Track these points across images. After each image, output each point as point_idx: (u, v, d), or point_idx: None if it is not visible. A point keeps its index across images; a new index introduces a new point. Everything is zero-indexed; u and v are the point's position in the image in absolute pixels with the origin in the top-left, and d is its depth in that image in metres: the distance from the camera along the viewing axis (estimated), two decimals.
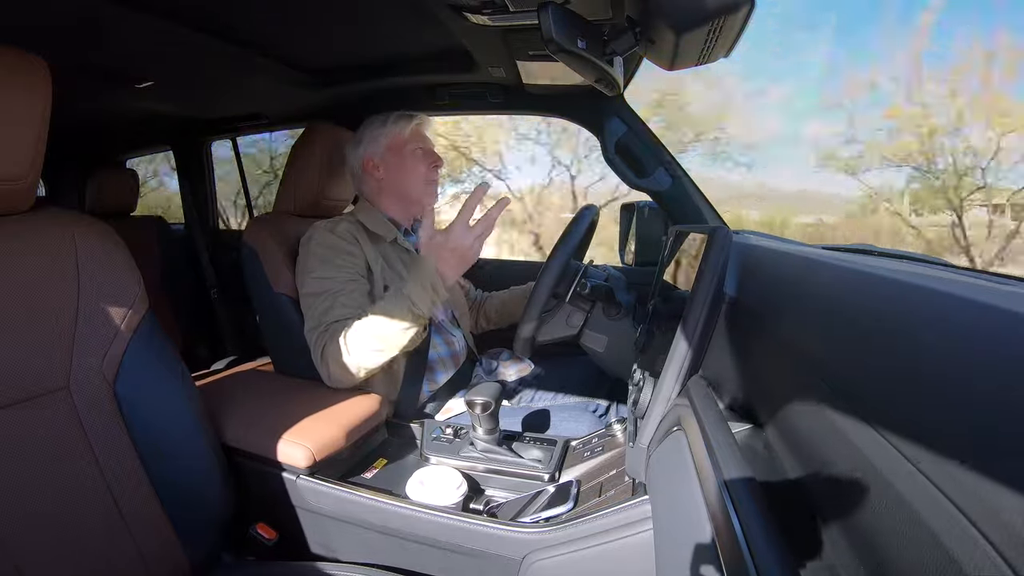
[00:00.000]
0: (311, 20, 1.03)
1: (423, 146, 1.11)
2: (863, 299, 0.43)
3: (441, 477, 0.79)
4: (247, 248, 1.11)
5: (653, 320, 0.89)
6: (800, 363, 0.42)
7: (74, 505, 0.65)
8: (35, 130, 0.62)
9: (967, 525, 0.22)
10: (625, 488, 0.74)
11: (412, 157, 1.09)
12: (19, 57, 0.60)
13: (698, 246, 0.72)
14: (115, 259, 0.72)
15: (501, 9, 0.80)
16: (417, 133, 1.11)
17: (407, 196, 1.11)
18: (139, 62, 1.20)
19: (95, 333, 0.69)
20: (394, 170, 1.10)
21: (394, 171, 1.10)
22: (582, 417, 1.03)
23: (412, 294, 0.86)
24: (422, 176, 1.10)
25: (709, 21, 0.51)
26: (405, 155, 1.09)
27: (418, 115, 1.12)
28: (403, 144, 1.09)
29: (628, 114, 1.18)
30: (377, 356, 0.90)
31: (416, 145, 1.10)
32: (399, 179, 1.10)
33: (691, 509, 0.41)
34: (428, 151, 1.11)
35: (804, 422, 0.40)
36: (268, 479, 0.84)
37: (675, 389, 0.62)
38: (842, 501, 0.33)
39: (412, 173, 1.09)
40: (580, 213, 0.94)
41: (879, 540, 0.29)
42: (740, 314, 0.60)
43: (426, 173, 1.10)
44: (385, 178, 1.10)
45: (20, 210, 0.67)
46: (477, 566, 0.75)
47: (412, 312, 0.86)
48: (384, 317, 0.87)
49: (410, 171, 1.09)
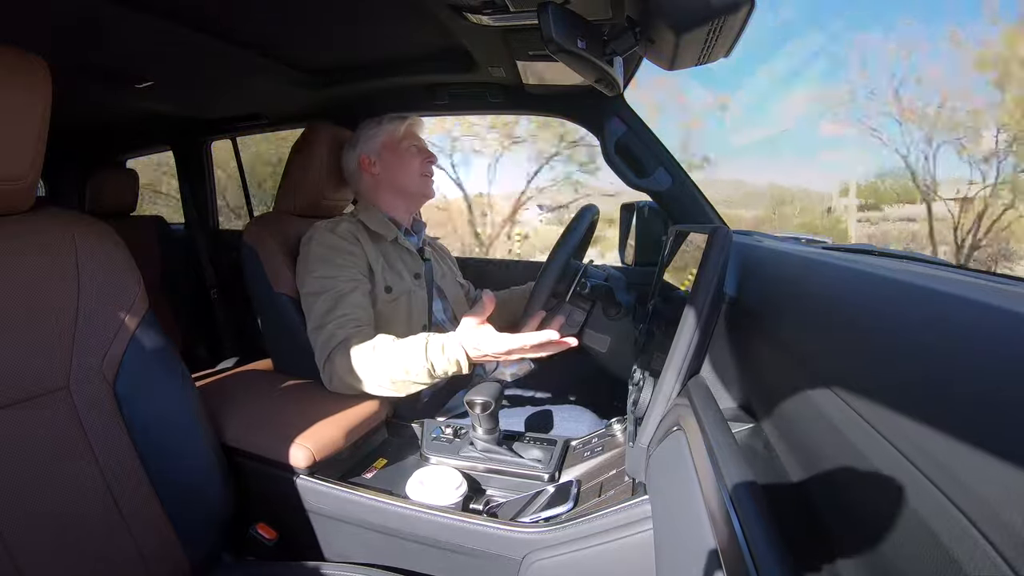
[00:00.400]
0: (311, 20, 1.03)
1: (417, 143, 1.15)
2: (863, 299, 0.43)
3: (441, 477, 0.79)
4: (247, 248, 1.11)
5: (653, 320, 0.89)
6: (800, 363, 0.42)
7: (74, 505, 0.65)
8: (35, 130, 0.62)
9: (967, 525, 0.22)
10: (625, 488, 0.74)
11: (407, 153, 1.12)
12: (19, 57, 0.60)
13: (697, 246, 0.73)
14: (115, 259, 0.72)
15: (501, 9, 0.80)
16: (410, 132, 1.15)
17: (404, 190, 1.13)
18: (139, 62, 1.20)
19: (95, 333, 0.69)
20: (390, 166, 1.12)
21: (390, 167, 1.12)
22: (582, 417, 1.03)
23: (435, 362, 0.85)
24: (417, 170, 1.13)
25: (709, 21, 0.51)
26: (400, 151, 1.12)
27: (410, 116, 1.16)
28: (398, 141, 1.13)
29: (628, 114, 1.18)
30: (382, 391, 0.91)
31: (410, 142, 1.13)
32: (395, 174, 1.12)
33: (691, 509, 0.41)
34: (422, 148, 1.15)
35: (804, 422, 0.40)
36: (268, 479, 0.84)
37: (675, 389, 0.62)
38: (842, 501, 0.33)
39: (407, 167, 1.12)
40: (580, 213, 0.94)
41: (879, 540, 0.29)
42: (740, 314, 0.60)
43: (421, 167, 1.13)
44: (381, 174, 1.13)
45: (20, 210, 0.66)
46: (477, 566, 0.75)
47: (429, 374, 0.86)
48: (401, 365, 0.86)
49: (406, 166, 1.12)
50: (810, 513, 0.37)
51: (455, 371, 0.85)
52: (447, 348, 0.84)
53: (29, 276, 0.64)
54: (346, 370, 0.90)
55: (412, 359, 0.85)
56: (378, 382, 0.89)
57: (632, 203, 1.22)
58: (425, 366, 0.85)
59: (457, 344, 0.84)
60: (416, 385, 0.88)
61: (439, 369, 0.85)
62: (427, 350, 0.85)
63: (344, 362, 0.90)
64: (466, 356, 0.84)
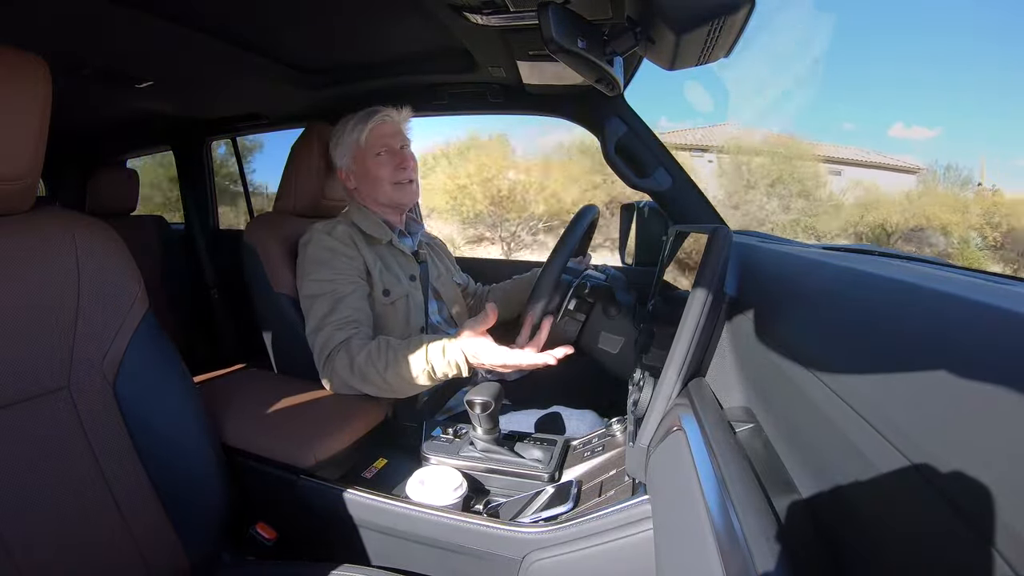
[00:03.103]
0: (311, 20, 1.03)
1: (385, 148, 1.09)
2: (863, 299, 0.43)
3: (441, 477, 0.80)
4: (247, 248, 1.11)
5: (653, 320, 0.89)
6: (800, 363, 0.42)
7: (74, 505, 0.65)
8: (35, 130, 0.62)
9: (968, 525, 0.22)
10: (625, 488, 0.74)
11: (375, 163, 1.08)
12: (19, 57, 0.60)
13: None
14: (115, 259, 0.72)
15: (501, 9, 0.80)
16: (377, 135, 1.08)
17: (380, 202, 1.11)
18: (139, 62, 1.20)
19: (95, 333, 0.69)
20: (361, 180, 1.10)
21: (362, 180, 1.10)
22: (582, 417, 1.03)
23: (435, 365, 0.85)
24: (388, 179, 1.08)
25: (709, 21, 0.51)
26: (368, 164, 1.08)
27: (376, 115, 1.09)
28: (364, 153, 1.09)
29: (628, 114, 1.18)
30: (381, 393, 0.91)
31: (377, 149, 1.08)
32: (368, 188, 1.10)
33: (691, 509, 0.41)
34: (392, 151, 1.09)
35: (804, 422, 0.40)
36: (268, 479, 0.84)
37: (675, 389, 0.62)
38: (842, 501, 0.33)
39: (377, 180, 1.08)
40: (580, 213, 0.94)
41: (880, 539, 0.29)
42: (740, 314, 0.60)
43: (391, 175, 1.08)
44: (358, 187, 1.11)
45: (20, 210, 0.66)
46: (477, 566, 0.75)
47: (429, 377, 0.86)
48: (401, 367, 0.86)
49: (374, 179, 1.08)
50: (810, 513, 0.37)
51: (455, 374, 0.85)
52: (447, 351, 0.84)
53: (29, 276, 0.64)
54: (346, 371, 0.90)
55: (412, 361, 0.85)
56: (377, 383, 0.88)
57: (632, 203, 1.22)
58: (425, 368, 0.85)
59: (457, 348, 0.84)
60: (415, 387, 0.88)
61: (439, 371, 0.85)
62: (427, 352, 0.85)
63: (343, 363, 0.90)
64: (466, 361, 0.84)
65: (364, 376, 0.89)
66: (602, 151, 1.20)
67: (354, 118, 1.10)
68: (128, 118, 1.80)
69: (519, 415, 1.05)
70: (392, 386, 0.88)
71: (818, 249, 0.85)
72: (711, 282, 0.62)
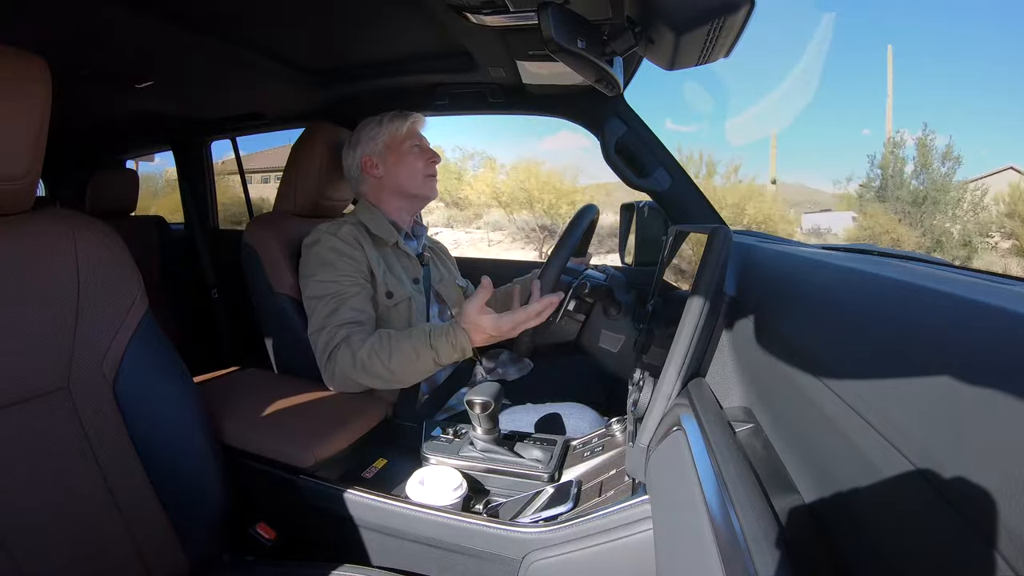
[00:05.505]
0: (311, 20, 1.03)
1: (420, 143, 1.12)
2: (863, 299, 0.43)
3: (441, 477, 0.79)
4: (247, 248, 1.11)
5: (653, 320, 0.89)
6: (800, 363, 0.42)
7: (74, 505, 0.65)
8: (35, 130, 0.62)
9: (968, 526, 0.22)
10: (625, 488, 0.74)
11: (410, 153, 1.11)
12: (19, 57, 0.60)
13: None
14: (115, 259, 0.72)
15: (501, 9, 0.80)
16: (413, 131, 1.13)
17: (407, 191, 1.12)
18: (139, 62, 1.20)
19: (95, 333, 0.69)
20: (393, 167, 1.11)
21: (393, 168, 1.11)
22: (582, 417, 1.03)
23: (440, 350, 0.86)
24: (420, 171, 1.11)
25: (709, 21, 0.51)
26: (403, 152, 1.10)
27: (412, 114, 1.13)
28: (400, 141, 1.11)
29: (628, 114, 1.18)
30: (386, 384, 0.92)
31: (413, 142, 1.11)
32: (398, 175, 1.11)
33: (691, 509, 0.41)
34: (425, 148, 1.13)
35: (804, 422, 0.40)
36: (268, 479, 0.84)
37: (675, 389, 0.62)
38: (842, 501, 0.33)
39: (411, 168, 1.10)
40: (580, 212, 0.94)
41: (880, 539, 0.29)
42: (740, 314, 0.60)
43: (424, 168, 1.11)
44: (384, 176, 1.11)
45: (20, 210, 0.66)
46: (477, 566, 0.75)
47: (434, 362, 0.88)
48: (405, 357, 0.87)
49: (409, 166, 1.10)
50: (810, 513, 0.37)
51: (458, 356, 0.87)
52: (450, 333, 0.86)
53: (29, 276, 0.64)
54: (348, 366, 0.90)
55: (417, 347, 0.87)
56: (381, 374, 0.89)
57: (632, 203, 1.22)
58: (430, 354, 0.86)
59: (459, 329, 0.85)
60: (420, 374, 0.89)
61: (443, 355, 0.86)
62: (430, 336, 0.87)
63: (346, 358, 0.90)
64: (469, 340, 0.85)
65: (367, 368, 0.89)
66: (602, 151, 1.21)
67: (387, 115, 1.13)
68: (128, 118, 1.80)
69: (519, 415, 1.05)
70: (396, 375, 0.89)
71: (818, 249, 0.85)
72: (711, 282, 0.62)
